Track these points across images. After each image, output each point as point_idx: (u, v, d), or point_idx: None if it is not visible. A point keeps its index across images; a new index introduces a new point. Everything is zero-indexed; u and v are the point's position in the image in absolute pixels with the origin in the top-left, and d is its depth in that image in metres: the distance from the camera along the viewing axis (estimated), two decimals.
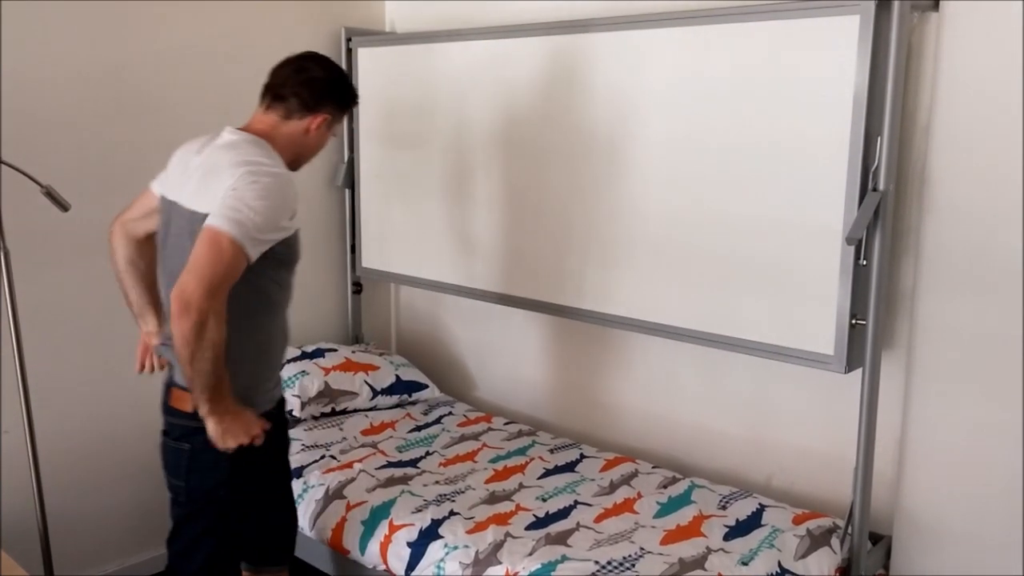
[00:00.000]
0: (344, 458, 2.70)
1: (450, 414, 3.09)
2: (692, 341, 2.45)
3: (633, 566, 2.11)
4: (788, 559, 2.16)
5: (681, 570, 2.09)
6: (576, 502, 2.44)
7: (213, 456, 1.95)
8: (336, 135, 2.18)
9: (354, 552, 2.39)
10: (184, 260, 1.87)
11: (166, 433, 2.05)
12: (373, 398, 3.06)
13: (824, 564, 2.17)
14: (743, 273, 2.31)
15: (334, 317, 3.42)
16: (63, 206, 2.24)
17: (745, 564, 2.12)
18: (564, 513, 2.38)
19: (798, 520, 2.31)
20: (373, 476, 2.58)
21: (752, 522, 2.32)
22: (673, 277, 2.45)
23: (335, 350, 3.14)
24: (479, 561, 2.17)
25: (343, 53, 3.20)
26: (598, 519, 2.35)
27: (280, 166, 1.95)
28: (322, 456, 2.71)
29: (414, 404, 3.16)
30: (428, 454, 2.76)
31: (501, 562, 2.15)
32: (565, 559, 2.14)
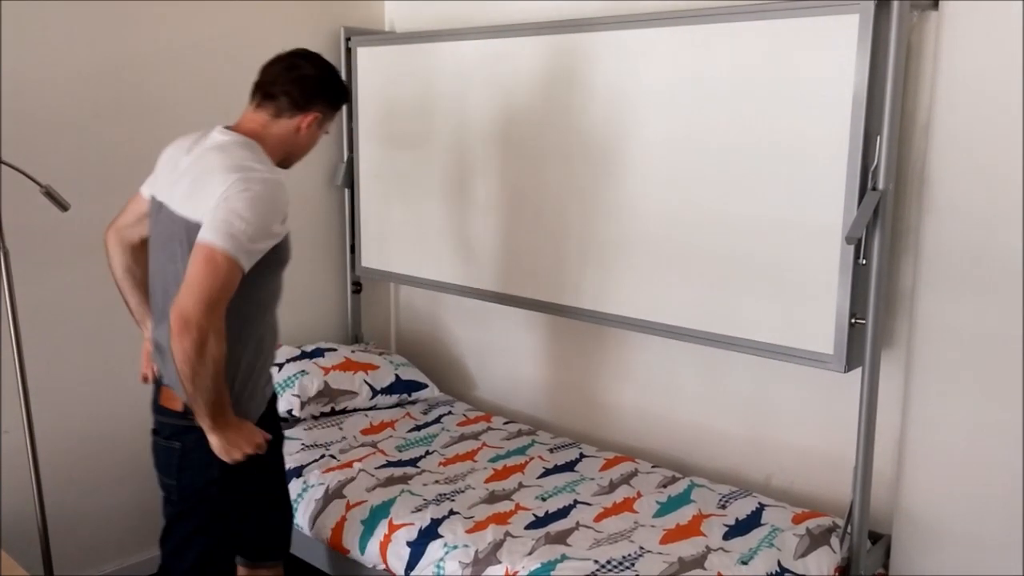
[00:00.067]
0: (344, 457, 2.70)
1: (450, 413, 3.09)
2: (691, 340, 2.45)
3: (633, 565, 2.11)
4: (788, 558, 2.17)
5: (681, 569, 2.09)
6: (576, 501, 2.44)
7: (204, 455, 1.95)
8: (328, 133, 2.14)
9: (354, 552, 2.39)
10: (176, 266, 1.89)
11: (156, 432, 2.05)
12: (373, 398, 3.06)
13: (823, 563, 2.17)
14: (742, 272, 2.31)
15: (334, 317, 3.42)
16: (63, 206, 2.24)
17: (745, 563, 2.12)
18: (564, 512, 2.38)
19: (798, 519, 2.32)
20: (373, 476, 2.58)
21: (752, 521, 2.32)
22: (672, 276, 2.45)
23: (335, 350, 3.14)
24: (479, 560, 2.17)
25: (342, 53, 3.20)
26: (598, 518, 2.35)
27: (270, 169, 1.93)
28: (322, 456, 2.71)
29: (414, 404, 3.16)
30: (428, 453, 2.76)
31: (501, 561, 2.15)
32: (565, 558, 2.14)
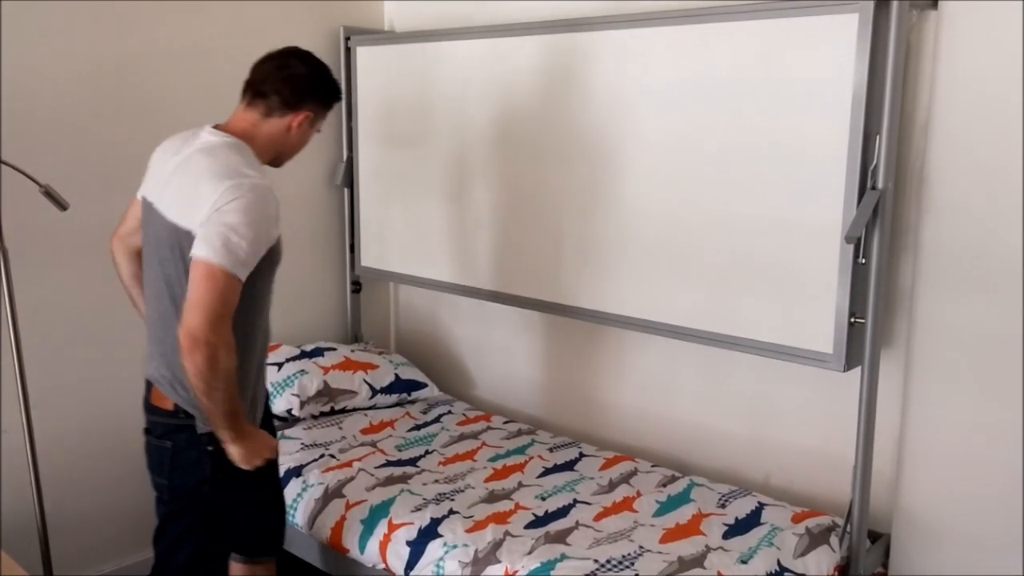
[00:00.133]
0: (343, 457, 2.70)
1: (449, 413, 3.09)
2: (691, 340, 2.45)
3: (632, 564, 2.11)
4: (787, 557, 2.17)
5: (680, 568, 2.09)
6: (575, 501, 2.44)
7: (195, 454, 1.96)
8: (320, 131, 2.13)
9: (353, 551, 2.39)
10: (166, 269, 1.90)
11: (148, 431, 2.05)
12: (372, 397, 3.06)
13: (823, 562, 2.17)
14: (742, 272, 2.31)
15: (333, 316, 3.42)
16: (62, 205, 2.24)
17: (744, 562, 2.12)
18: (563, 512, 2.38)
19: (797, 518, 2.32)
20: (372, 475, 2.58)
21: (751, 520, 2.32)
22: (672, 276, 2.45)
23: (334, 349, 3.14)
24: (478, 560, 2.17)
25: (342, 52, 3.20)
26: (597, 518, 2.35)
27: (260, 173, 1.91)
28: (321, 455, 2.71)
29: (413, 403, 3.16)
30: (427, 453, 2.76)
31: (500, 561, 2.15)
32: (564, 558, 2.14)
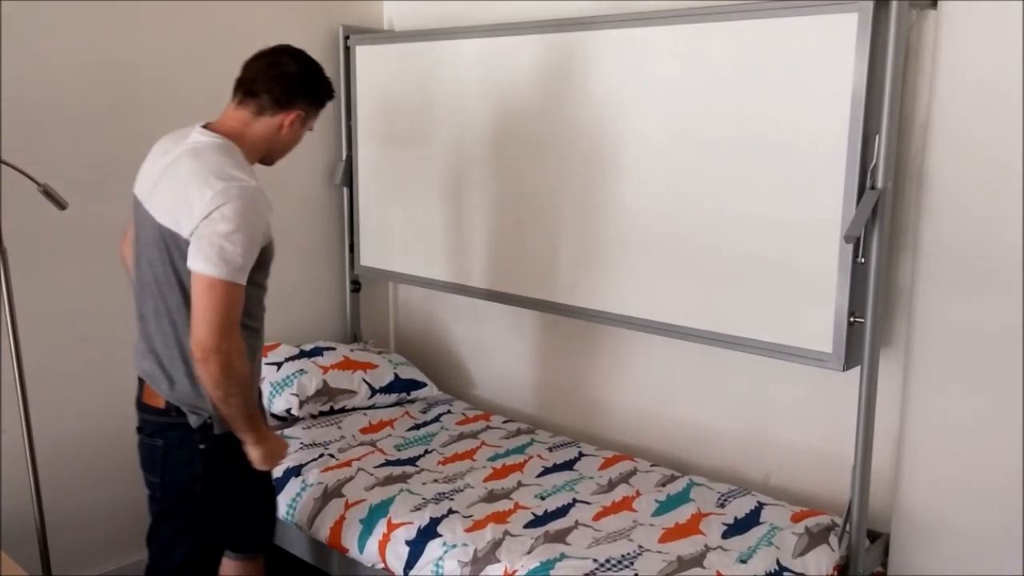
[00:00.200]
0: (342, 456, 2.70)
1: (448, 412, 3.09)
2: (690, 339, 2.45)
3: (632, 564, 2.11)
4: (786, 557, 2.16)
5: (680, 568, 2.09)
6: (575, 500, 2.44)
7: (187, 452, 1.96)
8: (312, 130, 2.12)
9: (352, 551, 2.39)
10: (155, 269, 1.92)
11: (140, 429, 2.06)
12: (371, 396, 3.06)
13: (822, 562, 2.17)
14: (741, 271, 2.31)
15: (332, 316, 3.42)
16: (60, 204, 2.24)
17: (743, 562, 2.12)
18: (563, 511, 2.37)
19: (796, 518, 2.32)
20: (372, 474, 2.58)
21: (750, 520, 2.32)
22: (672, 275, 2.45)
23: (333, 348, 3.14)
24: (478, 559, 2.17)
25: (341, 51, 3.20)
26: (597, 517, 2.35)
27: (249, 174, 1.90)
28: (320, 455, 2.71)
29: (413, 402, 3.16)
30: (427, 452, 2.75)
31: (500, 560, 2.15)
32: (564, 557, 2.14)
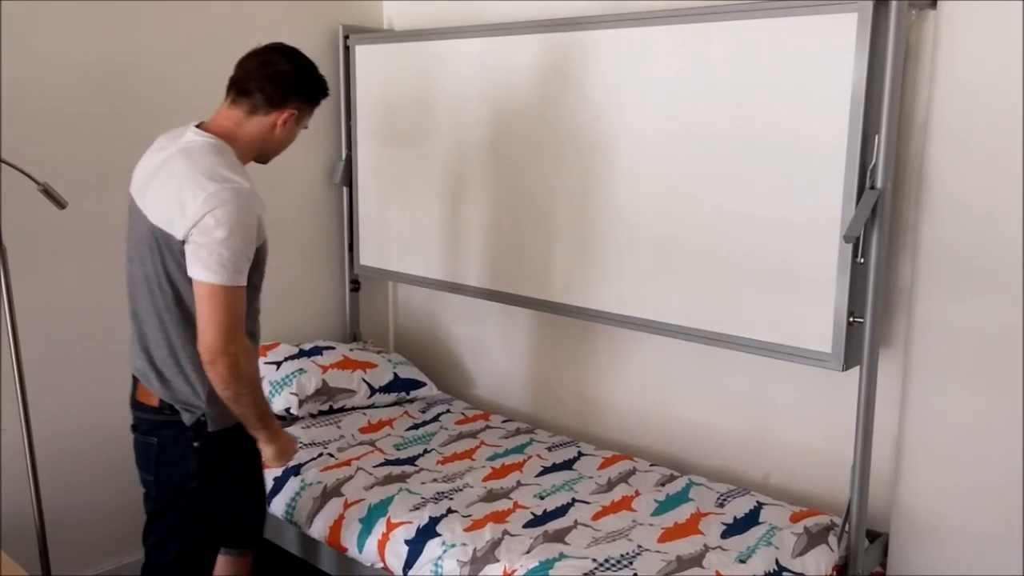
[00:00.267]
0: (342, 456, 2.70)
1: (448, 412, 3.09)
2: (690, 339, 2.45)
3: (631, 564, 2.11)
4: (786, 557, 2.16)
5: (679, 568, 2.09)
6: (574, 500, 2.44)
7: (181, 450, 1.97)
8: (307, 128, 2.11)
9: (352, 550, 2.39)
10: (146, 268, 1.93)
11: (135, 428, 2.07)
12: (371, 396, 3.06)
13: (821, 562, 2.17)
14: (740, 271, 2.31)
15: (332, 315, 3.42)
16: (60, 203, 2.24)
17: (743, 562, 2.12)
18: (562, 511, 2.37)
19: (795, 518, 2.32)
20: (371, 474, 2.58)
21: (750, 520, 2.32)
22: (671, 275, 2.45)
23: (333, 348, 3.14)
24: (477, 559, 2.17)
25: (341, 51, 3.20)
26: (596, 517, 2.35)
27: (241, 174, 1.90)
28: (320, 454, 2.71)
29: (412, 402, 3.16)
30: (426, 452, 2.75)
31: (499, 560, 2.15)
32: (563, 557, 2.14)
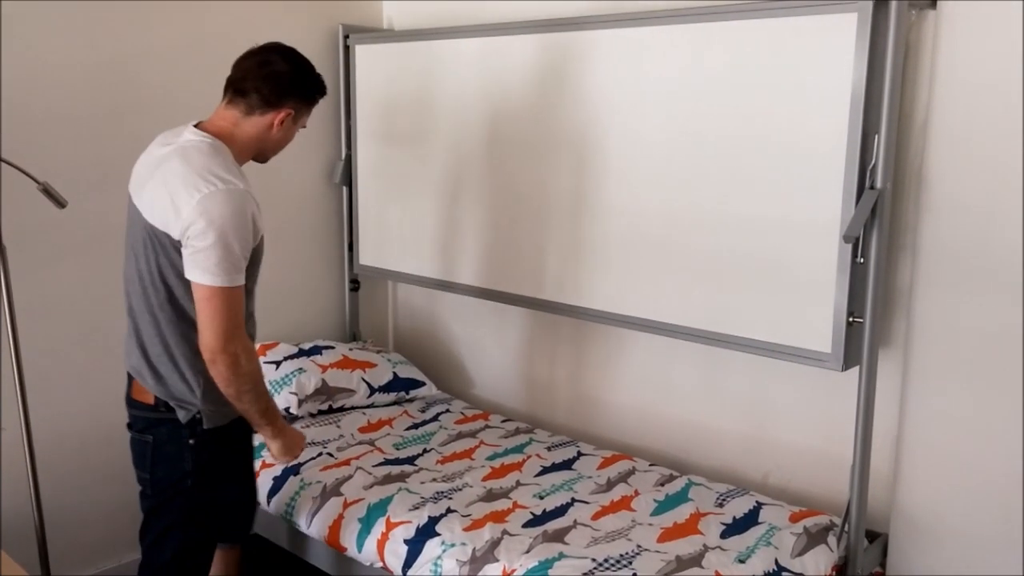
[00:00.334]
0: (341, 455, 2.70)
1: (447, 411, 3.09)
2: (690, 339, 2.45)
3: (630, 564, 2.11)
4: (785, 557, 2.16)
5: (678, 567, 2.09)
6: (573, 500, 2.44)
7: (176, 447, 1.97)
8: (305, 127, 2.11)
9: (351, 549, 2.39)
10: (139, 264, 1.93)
11: (130, 426, 2.07)
12: (370, 395, 3.06)
13: (821, 562, 2.17)
14: (740, 271, 2.31)
15: (331, 314, 3.42)
16: (60, 203, 2.24)
17: (742, 562, 2.13)
18: (561, 511, 2.38)
19: (795, 518, 2.32)
20: (370, 473, 2.58)
21: (749, 520, 2.32)
22: (671, 275, 2.45)
23: (332, 347, 3.14)
24: (476, 559, 2.17)
25: (341, 50, 3.20)
26: (595, 517, 2.35)
27: (236, 175, 1.89)
28: (319, 453, 2.71)
29: (411, 402, 3.16)
30: (425, 451, 2.75)
31: (498, 560, 2.15)
32: (562, 556, 2.14)
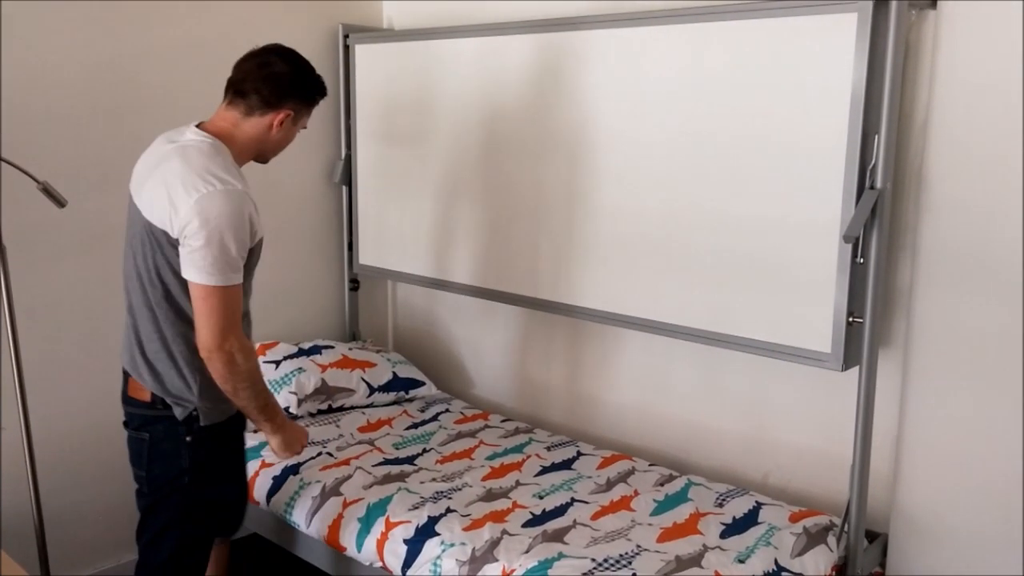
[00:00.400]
0: (341, 455, 2.70)
1: (447, 411, 3.09)
2: (690, 339, 2.45)
3: (630, 564, 2.11)
4: (785, 557, 2.16)
5: (678, 568, 2.09)
6: (573, 499, 2.44)
7: (173, 444, 1.98)
8: (305, 128, 2.12)
9: (351, 549, 2.39)
10: (136, 261, 1.94)
11: (127, 424, 2.07)
12: (370, 395, 3.06)
13: (820, 562, 2.17)
14: (740, 271, 2.31)
15: (331, 314, 3.42)
16: (60, 202, 2.24)
17: (742, 562, 2.12)
18: (561, 510, 2.37)
19: (795, 518, 2.32)
20: (370, 473, 2.58)
21: (749, 520, 2.32)
22: (671, 275, 2.45)
23: (332, 347, 3.14)
24: (476, 558, 2.17)
25: (340, 50, 3.20)
26: (595, 516, 2.35)
27: (235, 175, 1.90)
28: (319, 453, 2.71)
29: (411, 401, 3.16)
30: (425, 451, 2.75)
31: (498, 559, 2.15)
32: (562, 556, 2.14)
